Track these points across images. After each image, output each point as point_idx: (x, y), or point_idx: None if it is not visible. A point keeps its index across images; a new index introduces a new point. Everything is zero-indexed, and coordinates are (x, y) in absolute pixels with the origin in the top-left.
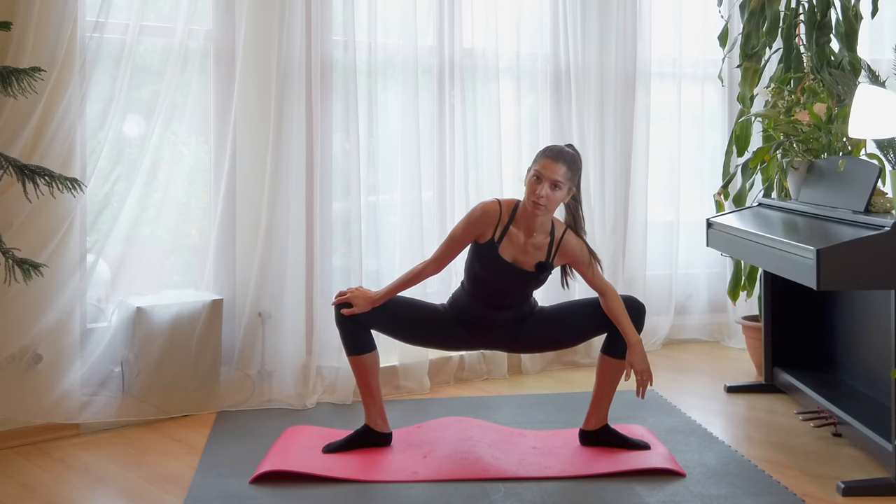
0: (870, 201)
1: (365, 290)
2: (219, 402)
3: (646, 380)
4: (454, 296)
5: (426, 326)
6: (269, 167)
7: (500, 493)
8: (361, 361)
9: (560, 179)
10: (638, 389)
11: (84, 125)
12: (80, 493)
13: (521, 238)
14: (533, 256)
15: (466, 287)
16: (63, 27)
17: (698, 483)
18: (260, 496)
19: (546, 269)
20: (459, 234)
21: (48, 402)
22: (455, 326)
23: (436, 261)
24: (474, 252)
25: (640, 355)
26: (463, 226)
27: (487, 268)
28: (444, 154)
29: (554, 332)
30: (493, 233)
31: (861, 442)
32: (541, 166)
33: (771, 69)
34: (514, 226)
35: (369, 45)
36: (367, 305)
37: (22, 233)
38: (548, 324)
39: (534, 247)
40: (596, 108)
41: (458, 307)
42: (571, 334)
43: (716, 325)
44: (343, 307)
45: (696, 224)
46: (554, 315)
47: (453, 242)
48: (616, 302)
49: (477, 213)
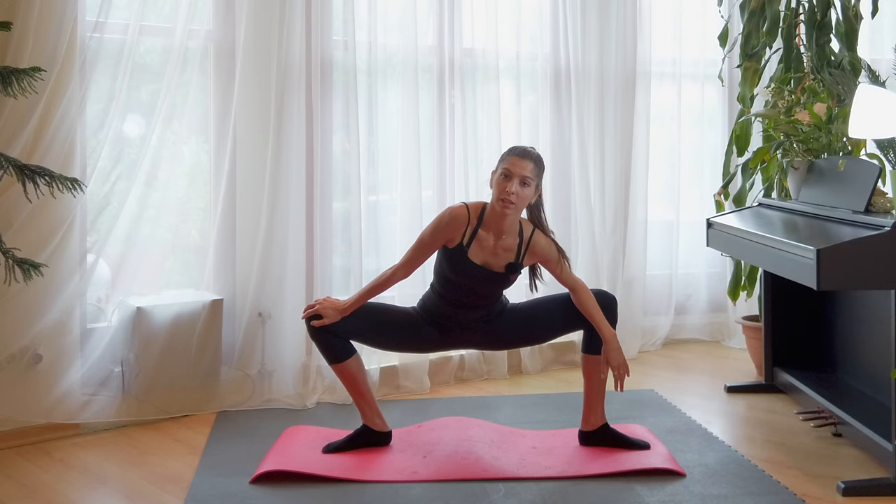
0: (870, 201)
1: (334, 300)
2: (219, 402)
3: (623, 373)
4: (424, 298)
5: (398, 330)
6: (269, 167)
7: (500, 493)
8: (344, 368)
9: (529, 175)
10: (616, 384)
11: (84, 125)
12: (80, 493)
13: (490, 241)
14: (502, 258)
15: (437, 289)
16: (63, 27)
17: (698, 483)
18: (260, 496)
19: (516, 269)
20: (428, 239)
21: (48, 402)
22: (427, 328)
23: (404, 265)
24: (443, 256)
25: (615, 350)
26: (431, 231)
27: (457, 271)
28: (444, 154)
29: (526, 329)
30: (461, 237)
31: (861, 442)
32: (509, 164)
33: (771, 69)
34: (482, 229)
35: (369, 45)
36: (337, 315)
37: (22, 233)
38: (519, 321)
39: (503, 249)
40: (596, 108)
41: (429, 309)
42: (543, 330)
43: (716, 325)
44: (314, 318)
45: (696, 224)
46: (525, 312)
47: (422, 247)
48: (587, 297)
49: (445, 218)
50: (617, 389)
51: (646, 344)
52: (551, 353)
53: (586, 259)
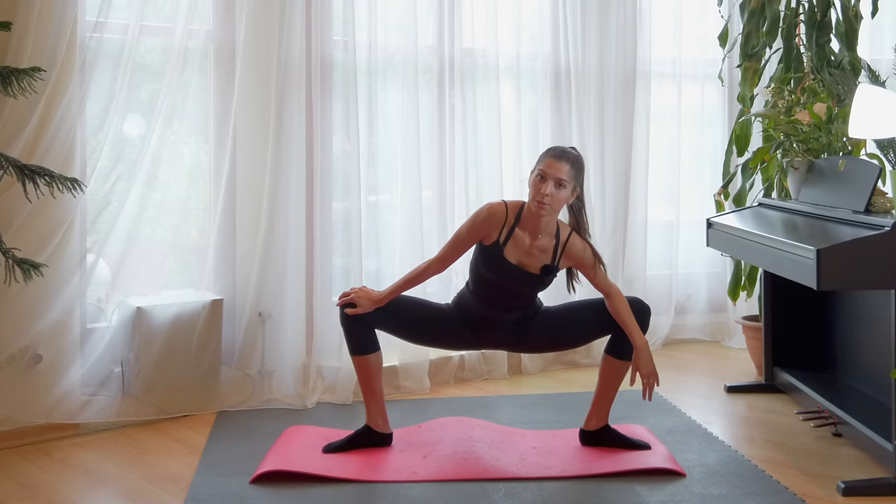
0: (870, 201)
1: (369, 290)
2: (219, 402)
3: (652, 382)
4: (459, 296)
5: (431, 326)
6: (269, 167)
7: (500, 493)
8: (365, 362)
9: (564, 178)
10: (644, 392)
11: (84, 125)
12: (80, 493)
13: (526, 241)
14: (538, 259)
15: (471, 287)
16: (63, 27)
17: (698, 483)
18: (260, 496)
19: (551, 271)
20: (464, 235)
21: (48, 402)
22: (460, 326)
23: (440, 260)
24: (479, 253)
25: (646, 358)
26: (468, 226)
27: (492, 269)
28: (444, 154)
29: (559, 333)
30: (498, 234)
31: (861, 442)
32: (545, 165)
33: (771, 69)
34: (519, 228)
35: (369, 45)
36: (371, 305)
37: (22, 233)
38: (553, 324)
39: (539, 249)
40: (596, 108)
41: (463, 307)
42: (576, 335)
43: (716, 325)
44: (347, 307)
45: (696, 224)
46: (559, 315)
47: (458, 242)
48: (622, 304)
49: (483, 214)
50: (645, 398)
51: None
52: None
53: None
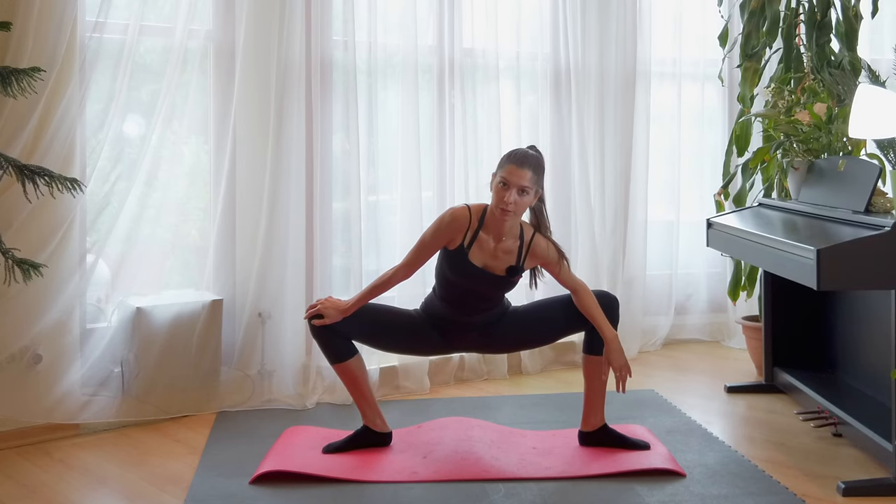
0: (870, 201)
1: (336, 300)
2: (219, 402)
3: (625, 374)
4: (426, 301)
5: (400, 332)
6: (269, 167)
7: (500, 493)
8: (345, 368)
9: (527, 185)
10: (617, 385)
11: (84, 125)
12: (80, 493)
13: (490, 243)
14: (503, 261)
15: (438, 292)
16: (63, 27)
17: (698, 483)
18: (260, 496)
19: (517, 272)
20: (429, 240)
21: (48, 402)
22: (429, 331)
23: (405, 266)
24: (444, 258)
25: (616, 351)
26: (433, 231)
27: (458, 274)
28: (444, 154)
29: (528, 332)
30: (462, 238)
31: (861, 442)
32: (507, 173)
33: (771, 69)
34: (483, 231)
35: (369, 45)
36: (339, 315)
37: (22, 233)
38: (521, 324)
39: (504, 251)
40: (596, 108)
41: (431, 312)
42: (545, 332)
43: (716, 325)
44: (315, 318)
45: (696, 224)
46: (527, 314)
47: (423, 248)
48: (589, 298)
49: (446, 218)
50: (618, 390)
51: (646, 344)
52: (551, 353)
53: (586, 259)
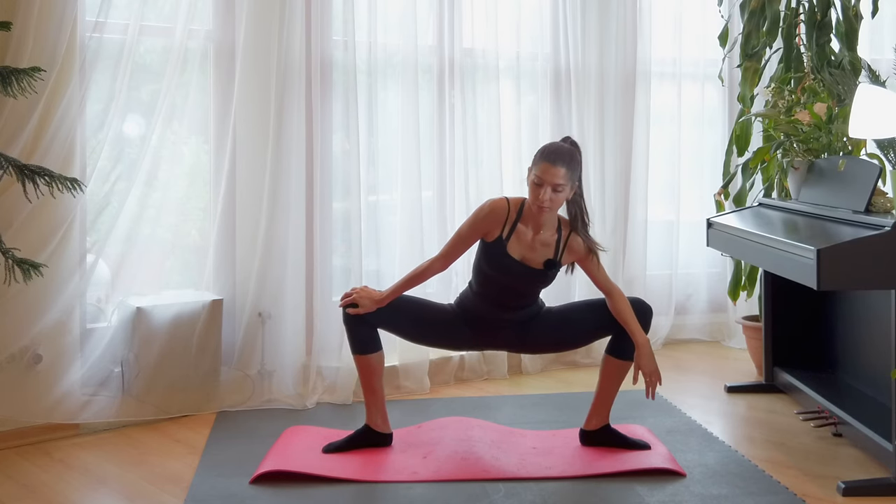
0: (870, 201)
1: (370, 290)
2: (219, 402)
3: (655, 381)
4: (462, 296)
5: (433, 326)
6: (269, 167)
7: (500, 493)
8: (367, 361)
9: (561, 182)
10: (647, 390)
11: (84, 125)
12: (80, 493)
13: (529, 235)
14: (541, 254)
15: (474, 287)
16: (63, 27)
17: (698, 483)
18: (260, 496)
19: (554, 266)
20: (467, 232)
21: (48, 402)
22: (462, 326)
23: (442, 258)
24: (482, 251)
25: (648, 356)
26: (470, 223)
27: (496, 266)
28: (444, 154)
29: (561, 333)
30: (500, 230)
31: (861, 442)
32: (540, 171)
33: (771, 69)
34: (521, 223)
35: (369, 45)
36: (373, 305)
37: (22, 233)
38: (555, 324)
39: (542, 244)
40: (596, 108)
41: (466, 307)
42: (579, 334)
43: (716, 325)
44: (349, 307)
45: (696, 224)
46: (561, 315)
47: (460, 240)
48: (623, 303)
49: (485, 210)
50: (648, 397)
51: None
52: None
53: None
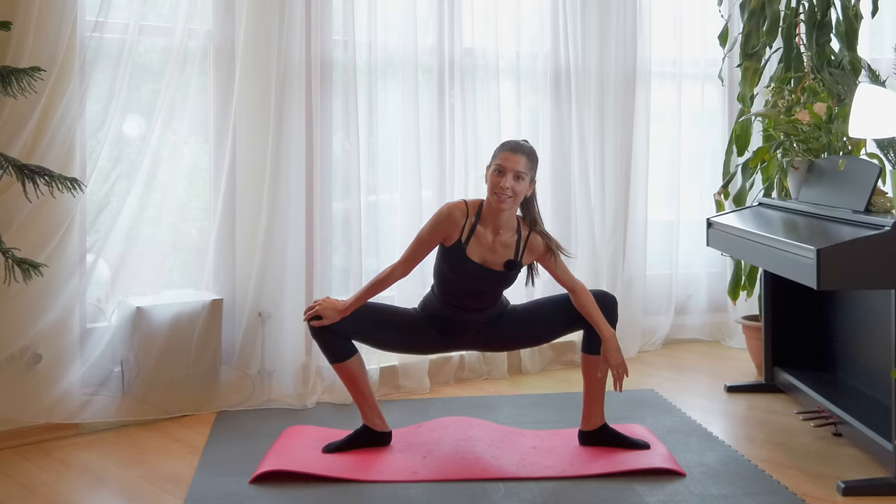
0: (870, 201)
1: (334, 301)
2: (219, 402)
3: (622, 373)
4: (425, 300)
5: (399, 331)
6: (269, 167)
7: (500, 493)
8: (345, 368)
9: (522, 170)
10: (615, 384)
11: (84, 125)
12: (80, 493)
13: (488, 237)
14: (501, 255)
15: (436, 291)
16: (63, 27)
17: (698, 483)
18: (260, 496)
19: (515, 266)
20: (427, 236)
21: (48, 402)
22: (428, 329)
23: (403, 264)
24: (442, 256)
25: (614, 349)
26: (430, 227)
27: (456, 271)
28: (444, 154)
29: (526, 330)
30: (459, 234)
31: (861, 442)
32: (502, 159)
33: (771, 69)
34: (481, 225)
35: (369, 45)
36: (337, 315)
37: (22, 233)
38: (520, 322)
39: (502, 245)
40: (596, 108)
41: (430, 311)
42: (544, 331)
43: (716, 325)
44: (314, 319)
45: (696, 224)
46: (526, 313)
47: (420, 244)
48: (587, 298)
49: (444, 213)
50: (616, 389)
51: (646, 344)
52: (551, 353)
53: (586, 259)
